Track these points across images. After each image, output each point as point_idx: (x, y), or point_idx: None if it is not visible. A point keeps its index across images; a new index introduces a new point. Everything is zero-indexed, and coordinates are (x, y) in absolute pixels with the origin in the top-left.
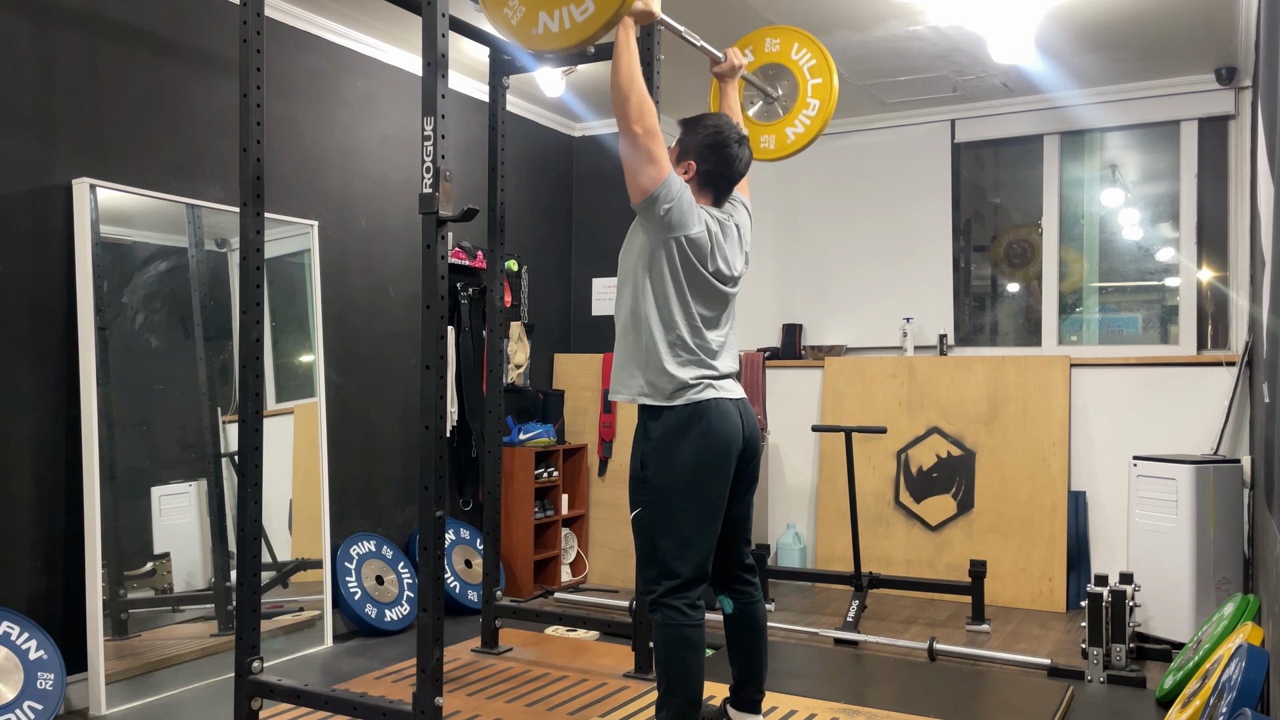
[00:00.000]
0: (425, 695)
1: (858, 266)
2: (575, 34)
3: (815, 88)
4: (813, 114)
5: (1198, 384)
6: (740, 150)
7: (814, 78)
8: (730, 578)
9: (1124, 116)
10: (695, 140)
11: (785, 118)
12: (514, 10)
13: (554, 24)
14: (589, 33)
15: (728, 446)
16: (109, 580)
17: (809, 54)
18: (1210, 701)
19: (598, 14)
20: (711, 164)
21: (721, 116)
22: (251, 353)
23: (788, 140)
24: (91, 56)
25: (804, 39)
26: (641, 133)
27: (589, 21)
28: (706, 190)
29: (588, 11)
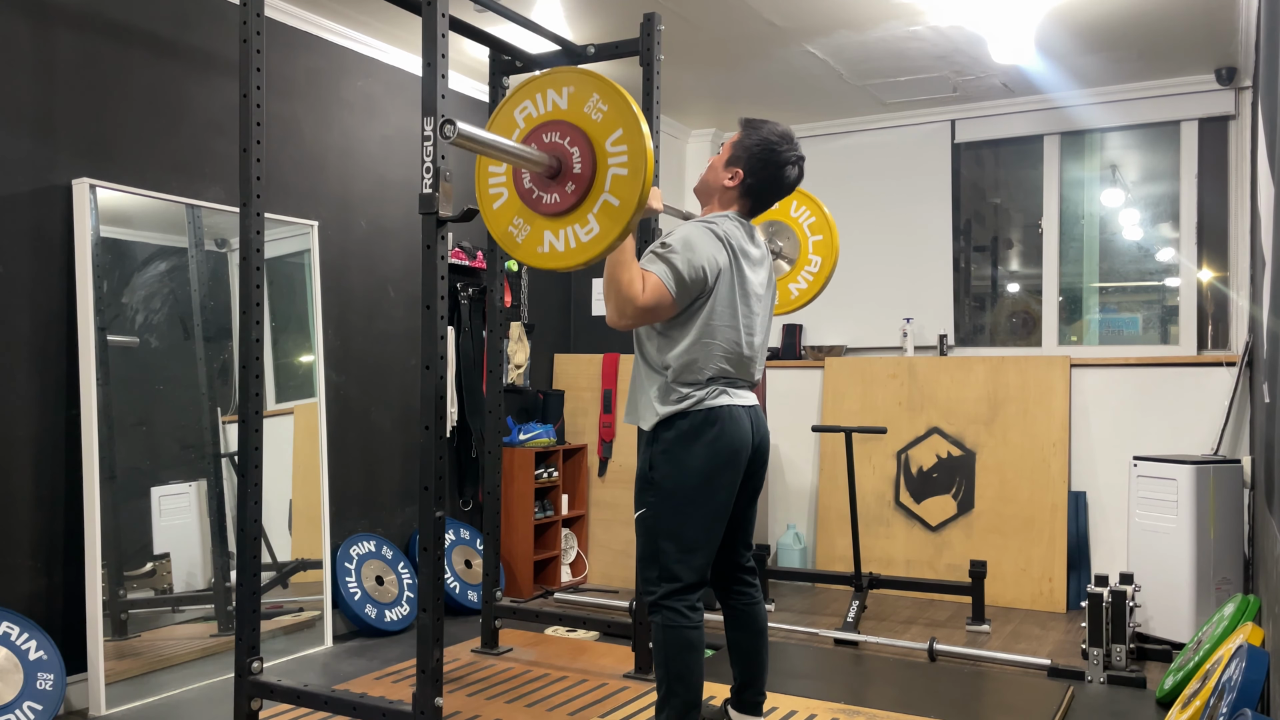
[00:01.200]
0: (425, 695)
1: (858, 267)
2: (581, 254)
3: (816, 244)
4: (815, 270)
5: (1198, 384)
6: (792, 171)
7: (814, 235)
8: (730, 579)
9: (1124, 117)
10: (750, 148)
11: (789, 274)
12: (519, 229)
13: (559, 244)
14: (594, 253)
15: (738, 453)
16: (109, 580)
17: (808, 211)
18: (1210, 702)
19: (602, 236)
20: (758, 179)
21: (783, 129)
22: (251, 353)
23: (791, 296)
24: (91, 56)
25: (803, 197)
26: (631, 322)
27: (595, 242)
28: (745, 201)
29: (593, 233)
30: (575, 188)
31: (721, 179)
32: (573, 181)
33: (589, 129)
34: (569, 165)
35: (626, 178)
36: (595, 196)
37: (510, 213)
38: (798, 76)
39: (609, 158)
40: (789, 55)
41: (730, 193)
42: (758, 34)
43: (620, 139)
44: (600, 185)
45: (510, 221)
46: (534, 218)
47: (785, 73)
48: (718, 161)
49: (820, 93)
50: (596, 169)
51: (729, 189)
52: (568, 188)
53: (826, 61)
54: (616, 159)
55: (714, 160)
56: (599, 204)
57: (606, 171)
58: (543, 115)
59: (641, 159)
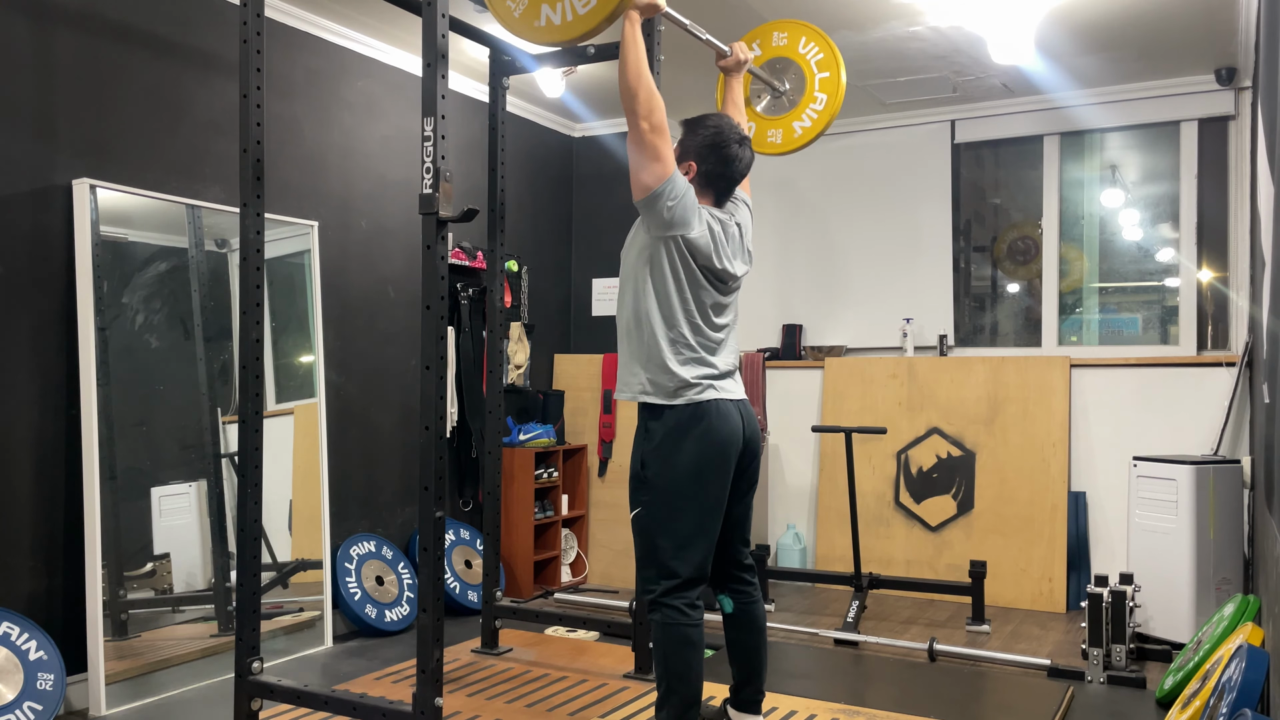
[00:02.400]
0: (425, 696)
1: (858, 267)
2: (577, 26)
3: (823, 82)
4: (820, 108)
5: (1198, 384)
6: (741, 151)
7: (821, 71)
8: (729, 578)
9: (1124, 117)
10: (696, 141)
11: (792, 112)
12: (516, 3)
13: (556, 16)
14: (591, 25)
15: (728, 447)
16: (109, 581)
17: (816, 48)
18: (1210, 702)
19: (600, 6)
20: (712, 164)
21: (723, 117)
22: (251, 353)
23: (795, 135)
24: (91, 56)
25: (811, 33)
26: (649, 128)
27: (591, 14)
28: (708, 191)
29: (590, 4)
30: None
31: None
32: None
33: None
34: None
35: None
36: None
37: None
38: None
39: None
40: None
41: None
42: None
43: None
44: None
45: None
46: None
47: None
48: None
49: None
50: None
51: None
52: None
53: None
54: None
55: None
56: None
57: None
58: None
59: None
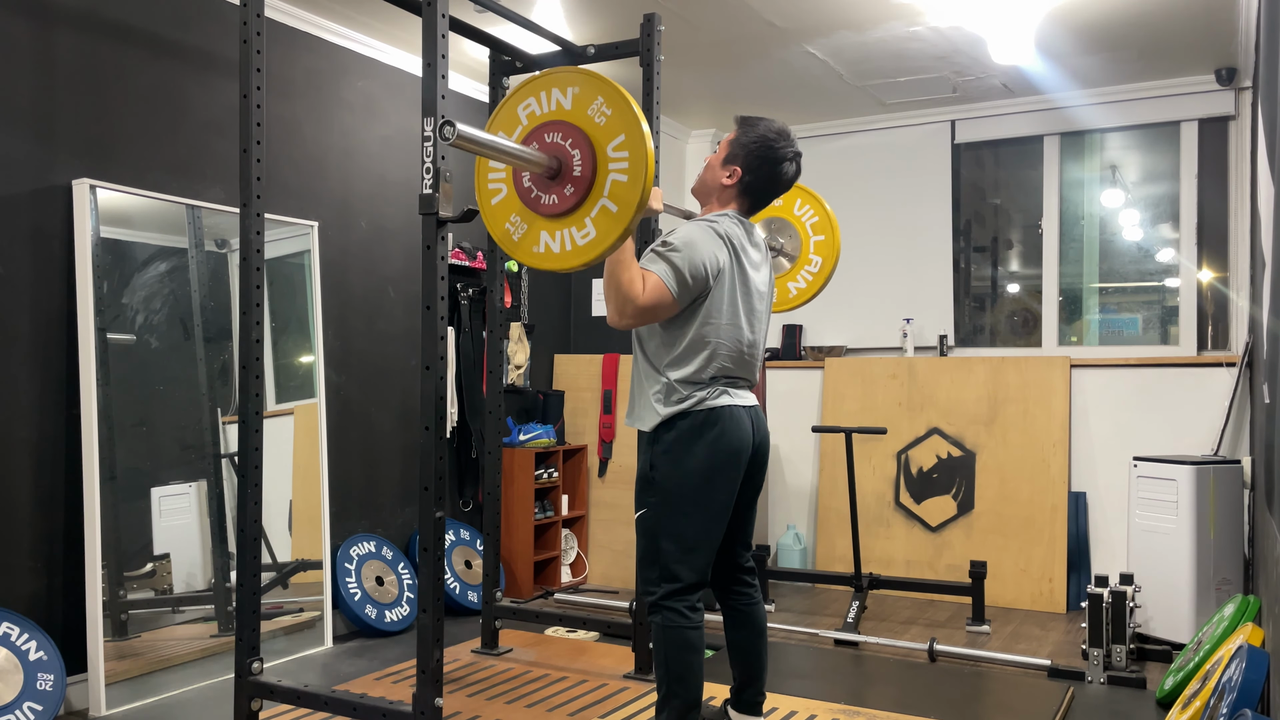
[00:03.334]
0: (425, 696)
1: (858, 267)
2: (576, 257)
3: (818, 245)
4: (815, 270)
5: (1198, 385)
6: (789, 168)
7: (816, 235)
8: (730, 580)
9: (1124, 117)
10: (747, 146)
11: (789, 272)
12: (515, 228)
13: (555, 245)
14: (590, 257)
15: (739, 454)
16: (109, 581)
17: (811, 210)
18: (1210, 702)
19: (600, 240)
20: (757, 176)
21: (779, 126)
22: (251, 353)
23: (790, 295)
24: (91, 56)
25: (806, 195)
26: (632, 321)
27: (591, 245)
28: (744, 199)
29: (589, 236)
30: (575, 190)
31: (719, 177)
32: (572, 184)
33: (591, 132)
34: (569, 167)
35: (626, 184)
36: (594, 200)
37: (508, 210)
38: (798, 77)
39: (610, 162)
40: (789, 56)
41: (729, 191)
42: (758, 34)
43: (622, 144)
44: (600, 189)
45: (508, 219)
46: (532, 217)
47: (785, 73)
48: (715, 160)
49: (820, 93)
50: (597, 172)
51: (727, 187)
52: (567, 190)
53: (826, 62)
54: (617, 164)
55: (711, 159)
56: (597, 208)
57: (607, 176)
58: (546, 114)
59: (642, 165)
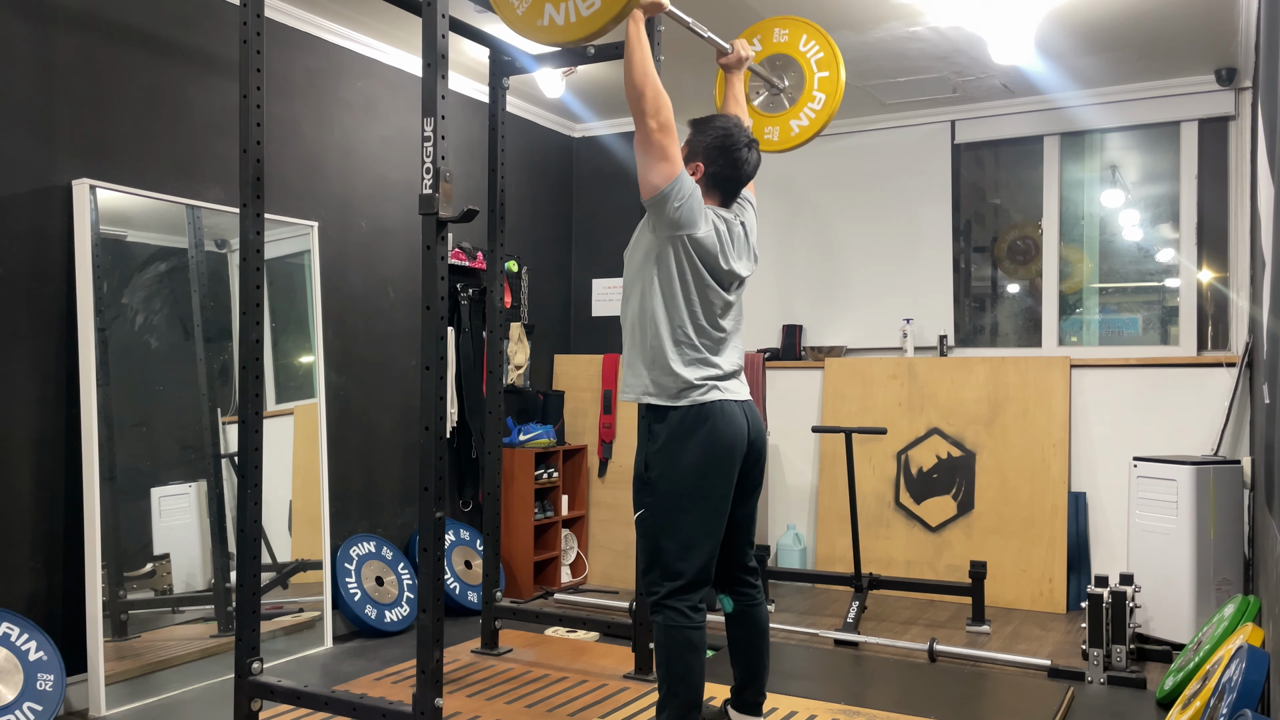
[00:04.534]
0: (425, 696)
1: (858, 267)
2: (581, 28)
3: (822, 81)
4: (818, 107)
5: (1198, 385)
6: (749, 153)
7: (821, 70)
8: (733, 579)
9: (1124, 117)
10: (704, 142)
11: (790, 110)
12: (520, 1)
13: (559, 17)
14: (595, 26)
15: (733, 449)
16: (109, 581)
17: (817, 46)
18: (1211, 703)
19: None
20: (720, 166)
21: (730, 118)
22: (251, 353)
23: (792, 133)
24: (91, 56)
25: (812, 30)
26: (656, 127)
27: (595, 15)
28: (714, 192)
29: (594, 6)
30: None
31: None
32: None
33: None
34: None
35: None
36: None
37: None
38: None
39: None
40: None
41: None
42: None
43: None
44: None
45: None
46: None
47: None
48: None
49: None
50: None
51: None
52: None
53: None
54: None
55: None
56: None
57: None
58: None
59: None
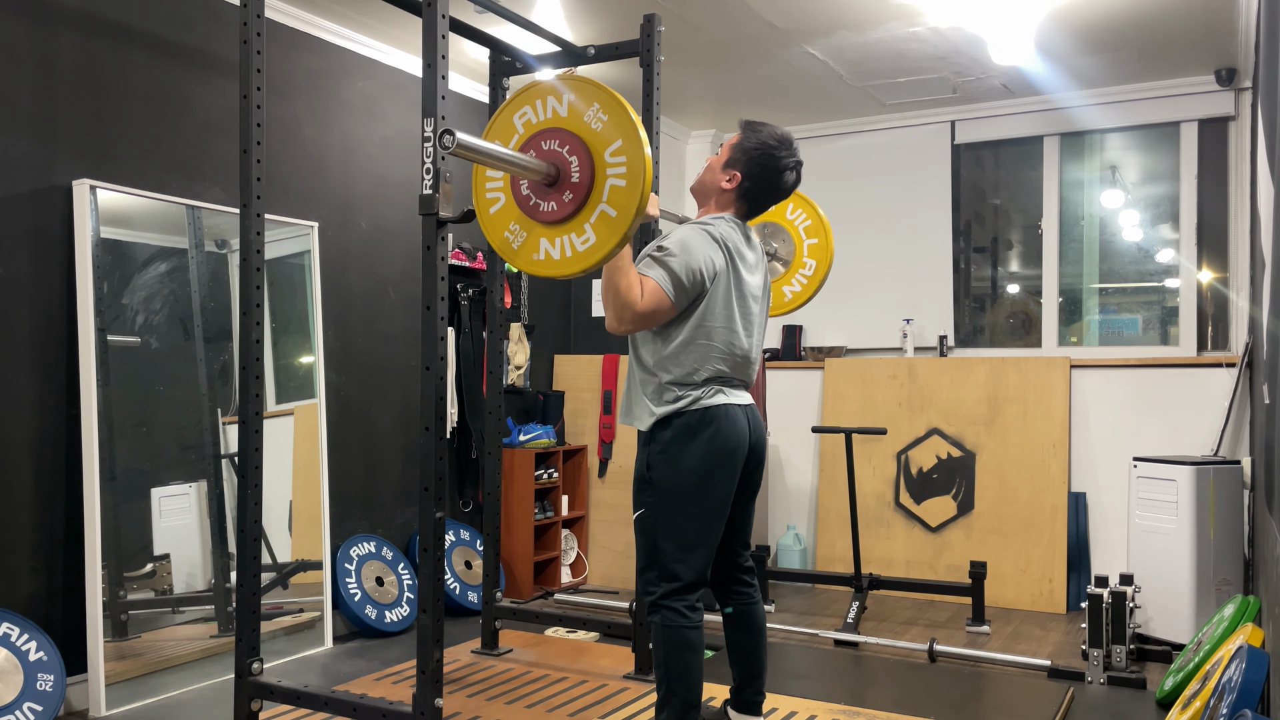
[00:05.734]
0: (425, 696)
1: (858, 268)
2: (576, 263)
3: (811, 248)
4: (809, 274)
5: (1198, 385)
6: (790, 176)
7: (810, 238)
8: (729, 580)
9: (1124, 118)
10: (749, 151)
11: (783, 275)
12: (514, 235)
13: (555, 252)
14: (590, 263)
15: (735, 452)
16: (109, 581)
17: (804, 214)
18: (1211, 703)
19: (599, 246)
20: (756, 182)
21: (783, 133)
22: (251, 354)
23: (785, 299)
24: (91, 57)
25: (799, 200)
26: (630, 327)
27: (590, 252)
28: (742, 204)
29: (589, 242)
30: (573, 197)
31: (719, 180)
32: (570, 191)
33: (588, 138)
34: (567, 174)
35: (625, 189)
36: (593, 206)
37: (507, 219)
38: (798, 77)
39: (608, 168)
40: (789, 56)
41: (727, 195)
42: (758, 35)
43: (619, 149)
44: (598, 195)
45: (507, 228)
46: (531, 225)
47: (785, 74)
48: (715, 162)
49: (820, 93)
50: (595, 179)
51: (726, 191)
52: (565, 196)
53: (826, 62)
54: (615, 169)
55: (712, 161)
56: (596, 214)
57: (605, 182)
58: (542, 122)
59: (640, 170)
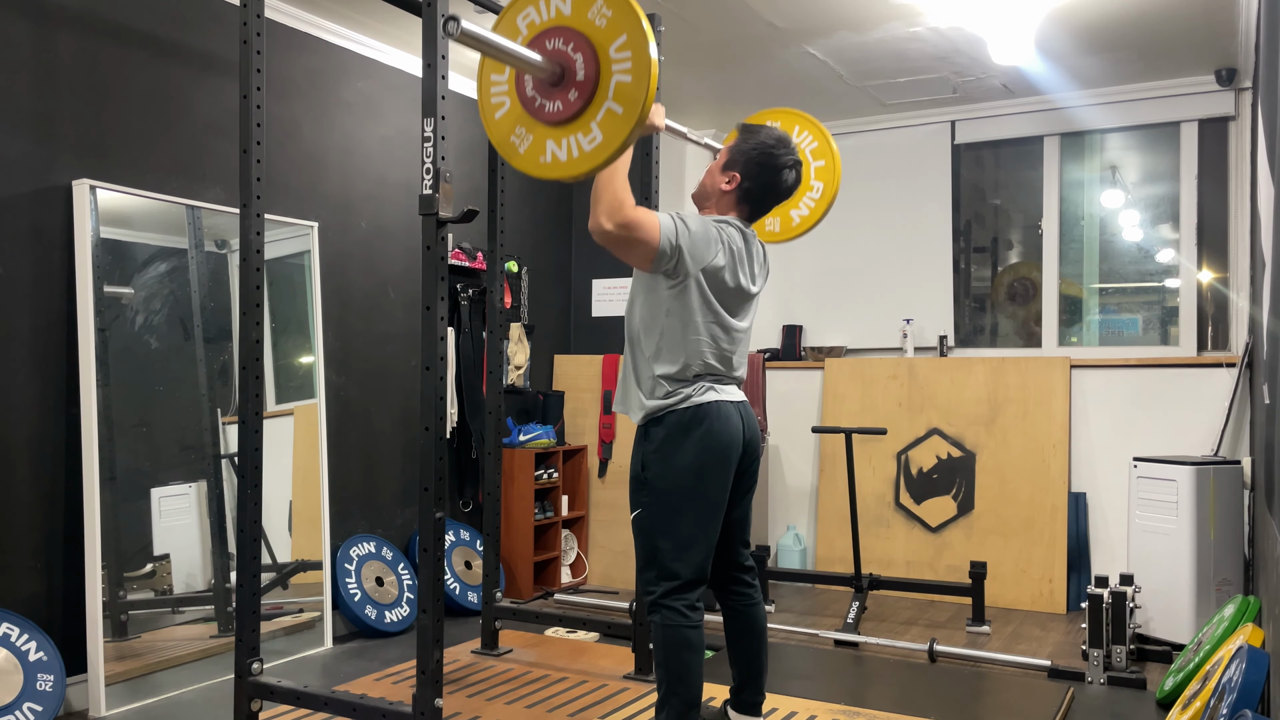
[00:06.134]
0: (425, 697)
1: (858, 268)
2: (583, 163)
3: (818, 170)
4: (817, 197)
5: (1198, 385)
6: (789, 175)
7: (816, 160)
8: (729, 579)
9: (1124, 118)
10: (747, 153)
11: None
12: (520, 139)
13: (561, 153)
14: (597, 162)
15: (729, 449)
16: (109, 581)
17: (810, 136)
18: (1211, 703)
19: (605, 144)
20: (755, 182)
21: (780, 133)
22: (251, 354)
23: (793, 223)
24: (91, 57)
25: (806, 122)
26: (614, 228)
27: (597, 151)
28: (744, 205)
29: (595, 141)
30: (579, 95)
31: (719, 183)
32: (576, 89)
33: (592, 35)
34: (572, 72)
35: (630, 84)
36: (599, 104)
37: (512, 122)
38: (798, 78)
39: (613, 64)
40: (789, 56)
41: (728, 197)
42: (758, 35)
43: (624, 44)
44: (604, 92)
45: (512, 131)
46: (536, 126)
47: (785, 74)
48: (715, 166)
49: (820, 94)
50: (600, 75)
51: (726, 193)
52: (570, 95)
53: (826, 62)
54: (620, 65)
55: (712, 165)
56: (603, 111)
57: (610, 79)
58: (546, 22)
59: (645, 64)
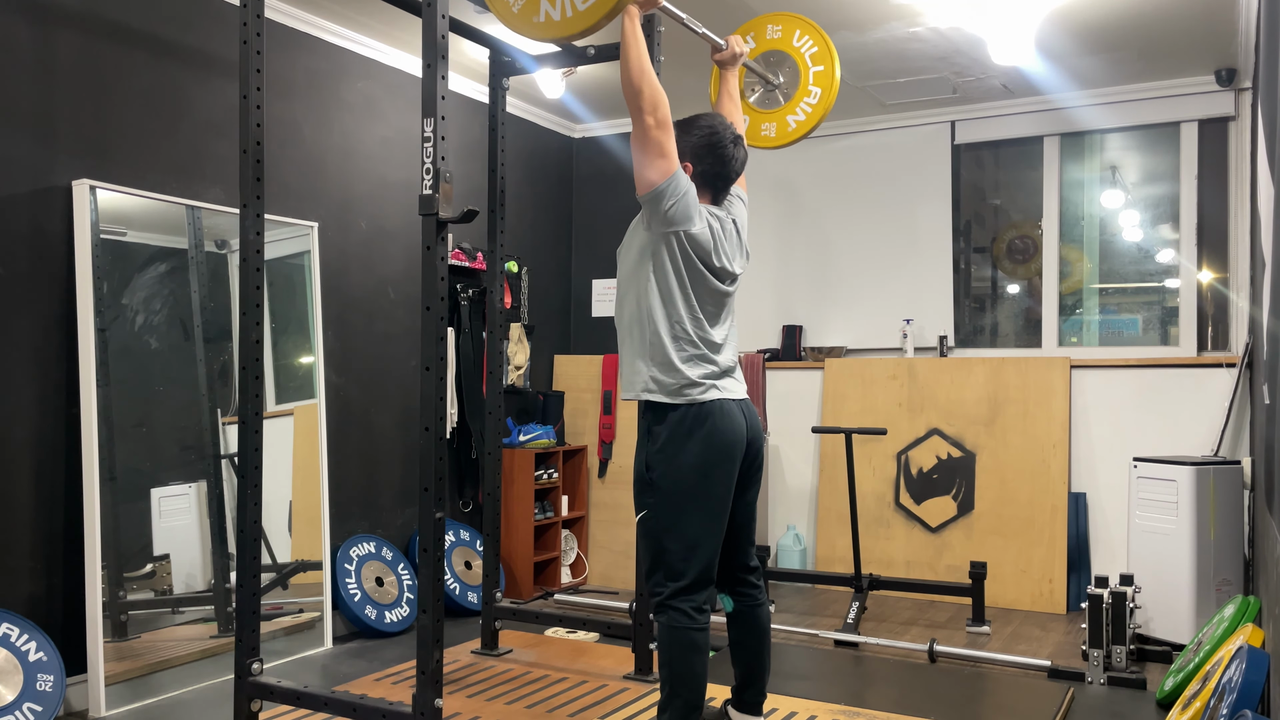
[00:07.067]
0: (425, 697)
1: (858, 268)
2: (577, 23)
3: (817, 75)
4: (814, 102)
5: (1198, 385)
6: (736, 150)
7: (815, 65)
8: (735, 580)
9: (1124, 118)
10: (690, 142)
11: (786, 105)
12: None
13: (555, 12)
14: (591, 21)
15: (732, 447)
16: (109, 582)
17: (811, 41)
18: (1211, 703)
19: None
20: (708, 164)
21: (715, 116)
22: (251, 354)
23: (789, 128)
24: (91, 56)
25: (806, 26)
26: (654, 124)
27: (591, 10)
28: (705, 190)
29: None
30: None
31: None
32: None
33: None
34: None
35: None
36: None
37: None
38: None
39: None
40: None
41: None
42: None
43: None
44: None
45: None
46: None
47: None
48: None
49: None
50: None
51: None
52: None
53: None
54: None
55: None
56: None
57: None
58: None
59: None
